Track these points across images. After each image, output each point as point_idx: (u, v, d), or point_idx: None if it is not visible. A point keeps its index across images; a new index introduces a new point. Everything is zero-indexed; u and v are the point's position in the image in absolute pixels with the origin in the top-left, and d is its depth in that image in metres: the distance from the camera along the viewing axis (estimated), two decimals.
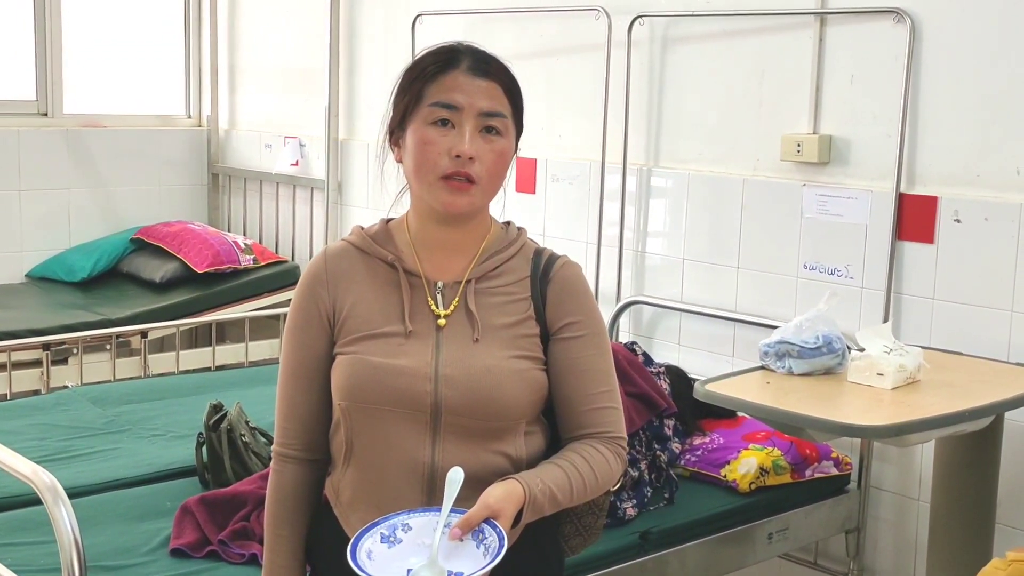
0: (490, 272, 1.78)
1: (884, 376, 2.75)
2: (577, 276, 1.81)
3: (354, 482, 1.75)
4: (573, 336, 1.76)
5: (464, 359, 1.71)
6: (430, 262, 1.78)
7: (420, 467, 1.70)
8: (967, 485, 2.89)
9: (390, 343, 1.72)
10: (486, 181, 1.72)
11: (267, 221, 5.49)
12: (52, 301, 4.80)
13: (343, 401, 1.73)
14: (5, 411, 3.58)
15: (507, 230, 1.83)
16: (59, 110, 5.28)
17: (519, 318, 1.76)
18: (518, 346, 1.73)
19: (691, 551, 2.94)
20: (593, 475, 1.71)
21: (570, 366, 1.75)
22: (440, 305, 1.75)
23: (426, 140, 1.70)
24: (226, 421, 3.01)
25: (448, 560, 1.52)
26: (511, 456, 1.72)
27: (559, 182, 4.16)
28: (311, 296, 1.78)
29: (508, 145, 1.74)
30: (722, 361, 3.71)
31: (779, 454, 3.15)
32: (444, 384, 1.69)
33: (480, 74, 1.72)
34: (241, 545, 2.60)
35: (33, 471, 2.10)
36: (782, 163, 3.56)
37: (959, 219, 3.19)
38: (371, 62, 4.93)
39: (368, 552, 1.55)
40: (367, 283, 1.77)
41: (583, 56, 4.10)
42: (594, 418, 1.75)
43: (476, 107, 1.70)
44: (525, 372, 1.72)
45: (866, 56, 3.37)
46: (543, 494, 1.63)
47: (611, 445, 1.75)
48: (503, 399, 1.69)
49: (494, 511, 1.56)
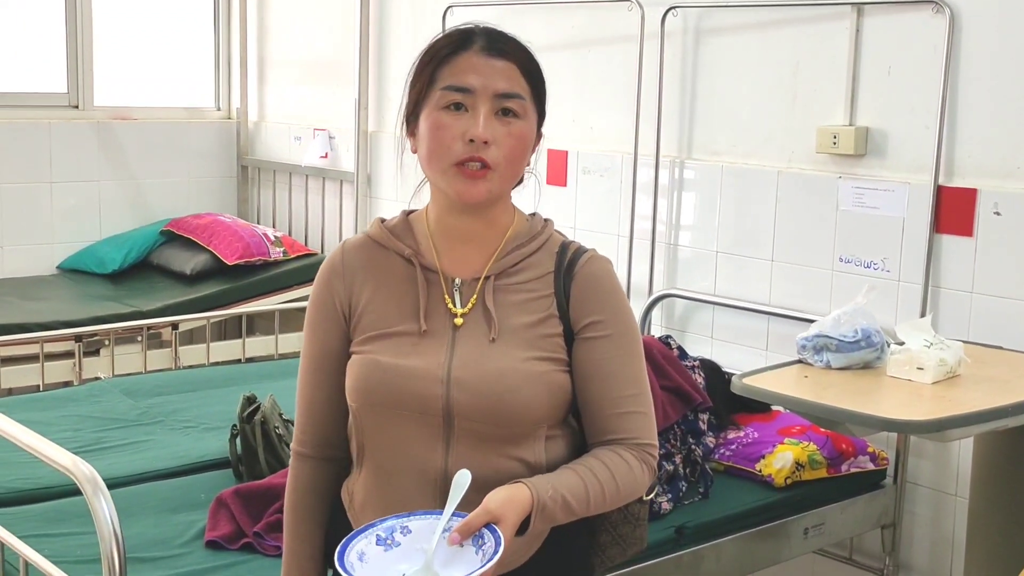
0: (511, 268, 1.68)
1: (924, 370, 2.72)
2: (604, 272, 1.70)
3: (366, 486, 1.69)
4: (597, 336, 1.65)
5: (477, 361, 1.62)
6: (449, 256, 1.69)
7: (432, 472, 1.62)
8: (1007, 481, 2.85)
9: (403, 343, 1.64)
10: (504, 167, 1.62)
11: (296, 214, 5.49)
12: (83, 293, 4.82)
13: (354, 403, 1.66)
14: (38, 402, 3.59)
15: (532, 222, 1.73)
16: (90, 103, 5.30)
17: (541, 316, 1.66)
18: (538, 347, 1.64)
19: (726, 546, 2.92)
20: (614, 483, 1.60)
21: (594, 368, 1.65)
22: (457, 303, 1.67)
23: (439, 125, 1.61)
24: (260, 413, 3.00)
25: (445, 567, 1.44)
26: (529, 462, 1.63)
27: (590, 174, 4.13)
28: (327, 290, 1.72)
29: (527, 128, 1.64)
30: (755, 355, 3.68)
31: (815, 448, 3.12)
32: (455, 387, 1.60)
33: (495, 54, 1.62)
34: (276, 538, 2.59)
35: (73, 462, 2.10)
36: (817, 155, 3.53)
37: (999, 212, 3.15)
38: (401, 54, 4.92)
39: (360, 554, 1.47)
40: (384, 278, 1.69)
41: (615, 47, 4.07)
42: (619, 423, 1.64)
43: (491, 88, 1.60)
44: (544, 375, 1.62)
45: (904, 47, 3.33)
46: (554, 501, 1.54)
47: (637, 452, 1.64)
48: (517, 403, 1.60)
49: (495, 516, 1.47)
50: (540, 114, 1.69)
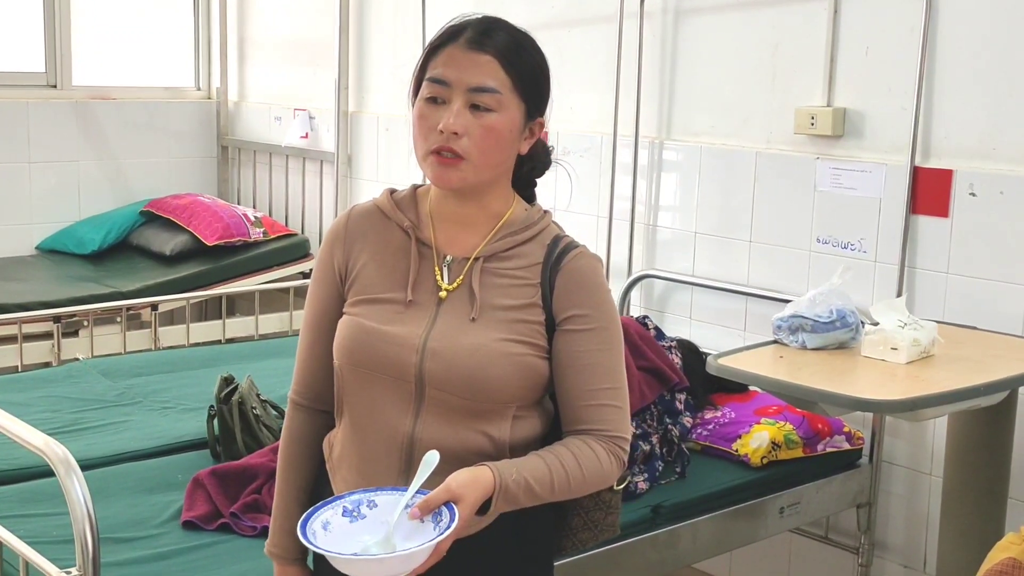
0: (502, 252, 1.74)
1: (898, 351, 2.74)
2: (590, 268, 1.75)
3: (343, 440, 1.77)
4: (577, 329, 1.71)
5: (454, 335, 1.69)
6: (444, 234, 1.77)
7: (400, 436, 1.70)
8: (980, 460, 2.88)
9: (389, 310, 1.72)
10: (476, 156, 1.68)
11: (277, 194, 5.47)
12: (62, 273, 4.80)
13: (337, 361, 1.75)
14: (16, 383, 3.58)
15: (529, 212, 1.79)
16: (68, 82, 5.27)
17: (523, 303, 1.72)
18: (516, 331, 1.70)
19: (702, 525, 2.94)
20: (580, 472, 1.66)
21: (571, 359, 1.71)
22: (445, 278, 1.74)
23: (420, 115, 1.71)
24: (237, 394, 3.01)
25: (404, 539, 1.52)
26: (494, 438, 1.69)
27: (570, 155, 4.13)
28: (329, 252, 1.81)
29: (501, 120, 1.69)
30: (733, 335, 3.69)
31: (791, 428, 3.14)
32: (429, 357, 1.67)
33: (476, 48, 1.69)
34: (253, 518, 2.61)
35: (45, 443, 2.10)
36: (796, 136, 3.54)
37: (974, 193, 3.16)
38: (381, 35, 4.90)
39: (325, 523, 1.55)
40: (381, 246, 1.77)
41: (595, 28, 4.06)
42: (593, 414, 1.70)
43: (464, 82, 1.68)
44: (517, 356, 1.68)
45: (882, 28, 3.33)
46: (517, 484, 1.60)
47: (608, 444, 1.70)
48: (487, 380, 1.66)
49: (455, 495, 1.54)
50: (534, 104, 1.74)
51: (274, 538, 1.86)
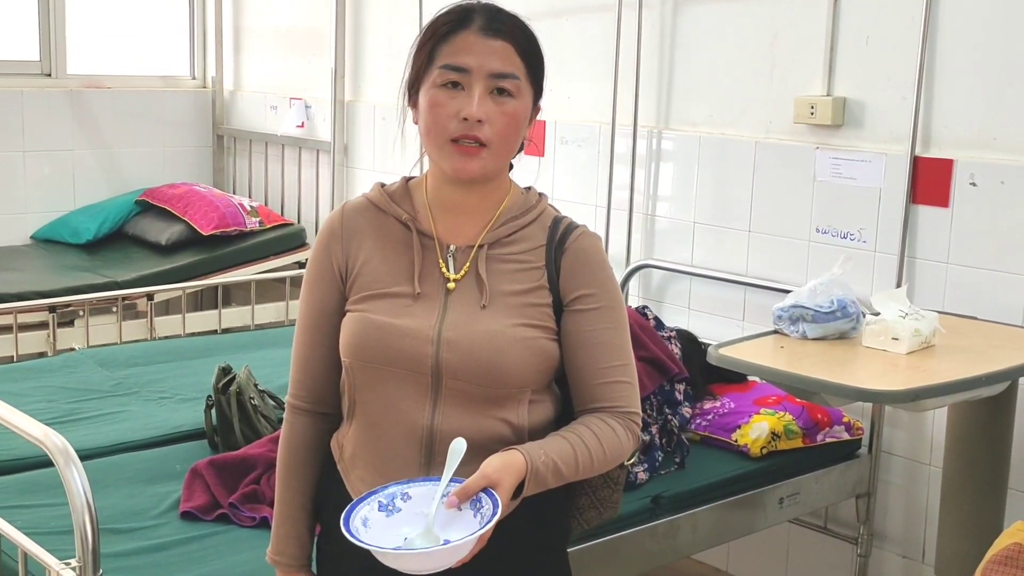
0: (504, 238, 1.74)
1: (899, 341, 2.73)
2: (594, 247, 1.76)
3: (356, 439, 1.75)
4: (586, 308, 1.72)
5: (468, 323, 1.68)
6: (445, 224, 1.75)
7: (419, 429, 1.68)
8: (980, 450, 2.87)
9: (397, 303, 1.70)
10: (497, 144, 1.68)
11: (272, 183, 5.45)
12: (57, 263, 4.78)
13: (347, 358, 1.72)
14: (11, 373, 3.57)
15: (527, 196, 1.79)
16: (63, 71, 5.24)
17: (530, 286, 1.72)
18: (526, 315, 1.70)
19: (702, 515, 2.93)
20: (601, 449, 1.67)
21: (582, 339, 1.71)
22: (451, 269, 1.73)
23: (436, 103, 1.67)
24: (235, 384, 2.99)
25: (444, 529, 1.51)
26: (512, 424, 1.69)
27: (568, 144, 4.12)
28: (325, 251, 1.78)
29: (520, 106, 1.70)
30: (732, 326, 3.68)
31: (791, 419, 3.14)
32: (445, 347, 1.66)
33: (492, 34, 1.68)
34: (251, 508, 2.59)
35: (44, 433, 2.08)
36: (795, 126, 3.52)
37: (975, 182, 3.15)
38: (378, 23, 4.88)
39: (364, 519, 1.54)
40: (381, 241, 1.75)
41: (593, 17, 4.04)
42: (605, 392, 1.71)
43: (486, 68, 1.66)
44: (531, 340, 1.68)
45: (882, 17, 3.32)
46: (546, 466, 1.61)
47: (623, 419, 1.71)
48: (504, 365, 1.66)
49: (492, 481, 1.54)
50: (537, 90, 1.75)
51: (278, 545, 1.82)
